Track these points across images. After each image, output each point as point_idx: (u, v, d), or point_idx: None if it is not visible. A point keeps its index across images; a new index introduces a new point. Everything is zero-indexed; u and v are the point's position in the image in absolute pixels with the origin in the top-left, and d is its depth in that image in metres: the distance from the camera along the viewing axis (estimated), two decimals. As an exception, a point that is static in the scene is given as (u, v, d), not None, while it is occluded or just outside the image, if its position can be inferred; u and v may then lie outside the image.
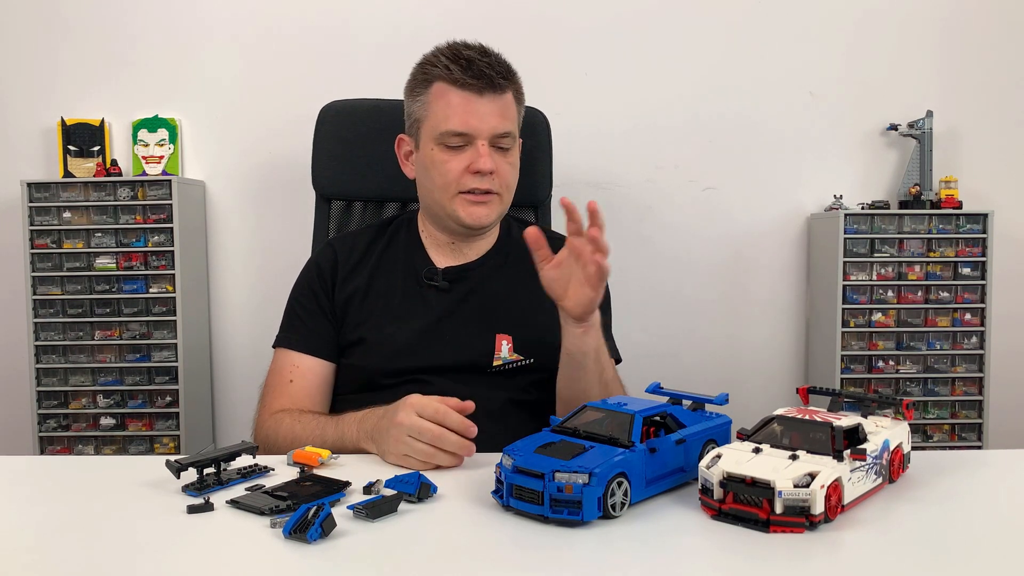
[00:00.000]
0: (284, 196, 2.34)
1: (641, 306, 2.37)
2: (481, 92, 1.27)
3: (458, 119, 1.27)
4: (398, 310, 1.33)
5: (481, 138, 1.27)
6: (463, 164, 1.28)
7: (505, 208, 1.35)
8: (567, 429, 0.89)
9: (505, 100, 1.30)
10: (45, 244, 2.22)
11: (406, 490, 0.86)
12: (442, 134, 1.28)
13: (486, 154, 1.27)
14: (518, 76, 1.34)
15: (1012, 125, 2.41)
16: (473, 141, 1.27)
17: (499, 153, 1.30)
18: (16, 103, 2.36)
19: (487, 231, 1.38)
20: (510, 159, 1.32)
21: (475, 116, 1.26)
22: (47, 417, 2.26)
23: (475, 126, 1.27)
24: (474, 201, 1.30)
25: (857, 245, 2.22)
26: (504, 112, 1.29)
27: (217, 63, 2.35)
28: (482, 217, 1.31)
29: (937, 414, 2.28)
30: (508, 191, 1.33)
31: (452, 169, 1.28)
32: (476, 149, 1.27)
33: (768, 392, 2.43)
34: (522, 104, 1.37)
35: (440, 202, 1.32)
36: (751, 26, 2.37)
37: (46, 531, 0.81)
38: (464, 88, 1.27)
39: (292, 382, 1.31)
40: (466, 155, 1.28)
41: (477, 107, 1.27)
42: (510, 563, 0.74)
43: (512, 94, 1.32)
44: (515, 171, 1.34)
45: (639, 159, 2.38)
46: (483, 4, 2.34)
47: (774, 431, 0.87)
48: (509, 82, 1.31)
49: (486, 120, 1.27)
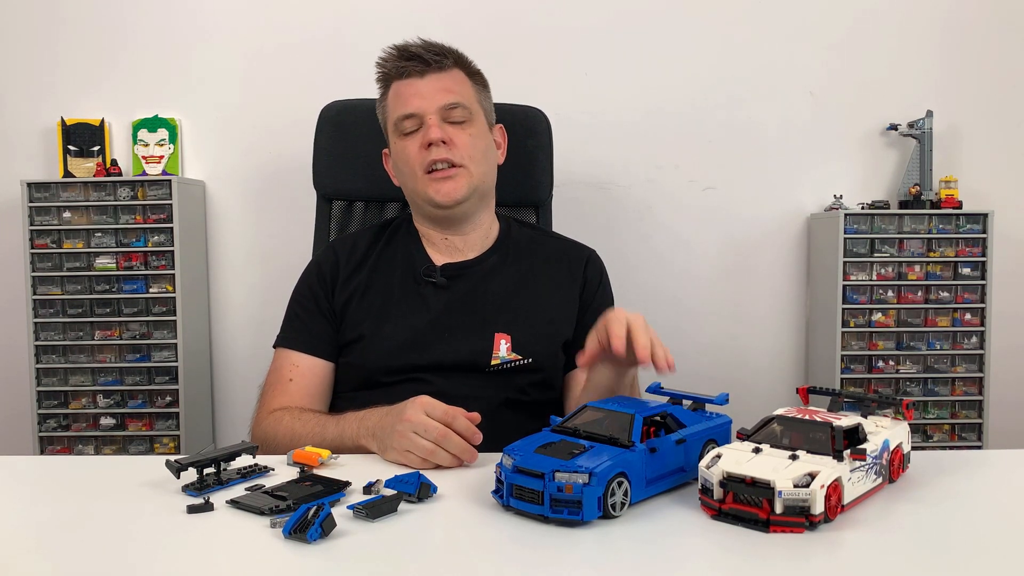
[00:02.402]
0: (284, 196, 2.34)
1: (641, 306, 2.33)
2: (422, 73, 1.32)
3: (404, 103, 1.32)
4: (397, 308, 1.33)
5: (429, 113, 1.30)
6: (418, 143, 1.31)
7: (477, 182, 1.34)
8: (567, 429, 0.89)
9: (450, 76, 1.33)
10: (45, 244, 2.22)
11: (406, 490, 0.86)
12: (396, 121, 1.33)
13: (434, 124, 1.30)
14: (467, 59, 1.38)
15: (1012, 125, 2.41)
16: (424, 119, 1.30)
17: (454, 127, 1.32)
18: (16, 103, 2.36)
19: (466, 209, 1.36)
20: (469, 131, 1.33)
21: (418, 96, 1.31)
22: (47, 417, 2.26)
23: (419, 105, 1.31)
24: (439, 177, 1.31)
25: (857, 245, 2.22)
26: (449, 87, 1.32)
27: (217, 63, 2.35)
28: (451, 191, 1.31)
29: (937, 414, 2.28)
30: (474, 162, 1.33)
31: (411, 152, 1.32)
32: (426, 124, 1.30)
33: (768, 392, 2.43)
34: (481, 85, 1.40)
35: (414, 189, 1.35)
36: (751, 26, 2.37)
37: (46, 531, 0.81)
38: (406, 76, 1.33)
39: (292, 381, 1.31)
40: (420, 134, 1.31)
41: (420, 87, 1.32)
42: (510, 563, 0.74)
43: (462, 73, 1.36)
44: (480, 144, 1.34)
45: (639, 159, 2.38)
46: (483, 4, 2.33)
47: (774, 431, 0.87)
48: (449, 59, 1.34)
49: (430, 97, 1.31)
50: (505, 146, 1.45)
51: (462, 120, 1.32)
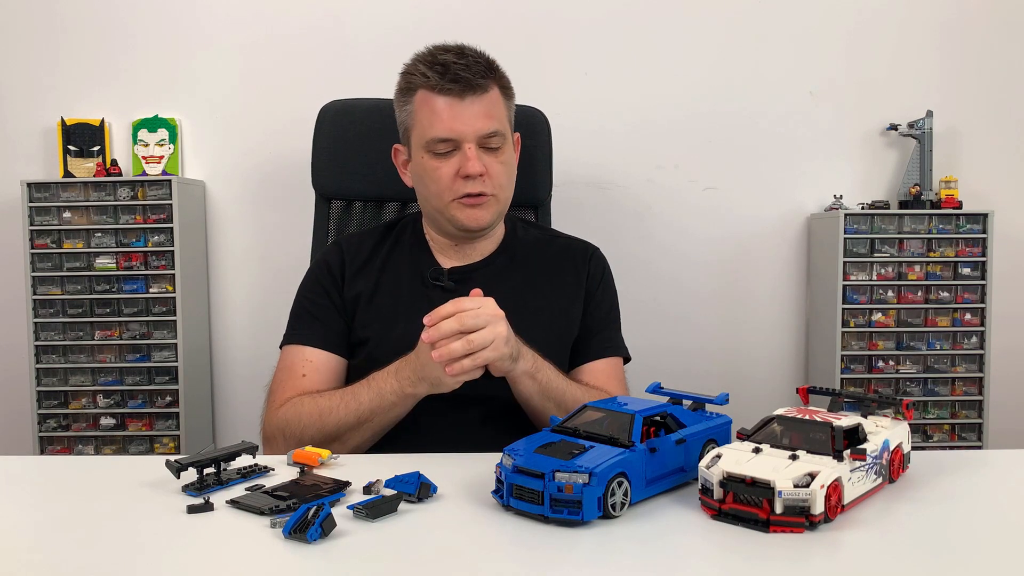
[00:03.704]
0: (284, 196, 2.34)
1: (641, 305, 2.37)
2: (462, 96, 1.25)
3: (442, 125, 1.26)
4: (404, 311, 1.32)
5: (468, 141, 1.26)
6: (453, 169, 1.27)
7: (503, 207, 1.34)
8: (567, 429, 0.89)
9: (489, 99, 1.28)
10: (45, 244, 2.22)
11: (406, 490, 0.86)
12: (429, 142, 1.27)
13: (474, 157, 1.25)
14: (501, 70, 1.32)
15: (1012, 125, 2.41)
16: (460, 145, 1.26)
17: (489, 153, 1.28)
18: (16, 103, 2.36)
19: (488, 232, 1.37)
20: (501, 158, 1.30)
21: (459, 120, 1.25)
22: (47, 417, 2.26)
23: (460, 130, 1.25)
24: (470, 204, 1.29)
25: (857, 245, 2.22)
26: (489, 112, 1.27)
27: (217, 63, 2.35)
28: (480, 219, 1.30)
29: (937, 414, 2.28)
30: (503, 190, 1.32)
31: (443, 176, 1.28)
32: (464, 153, 1.26)
33: (768, 392, 2.43)
34: (511, 98, 1.35)
35: (438, 208, 1.32)
36: (751, 26, 2.37)
37: (46, 531, 0.81)
38: (444, 94, 1.25)
39: (305, 376, 1.28)
40: (455, 160, 1.27)
41: (460, 111, 1.25)
42: (510, 563, 0.74)
43: (498, 91, 1.30)
44: (509, 168, 1.33)
45: (639, 159, 2.39)
46: (483, 4, 2.33)
47: (774, 431, 0.87)
48: (490, 80, 1.28)
49: (470, 123, 1.25)
50: (518, 154, 1.42)
51: (497, 147, 1.29)
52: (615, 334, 1.42)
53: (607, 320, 1.41)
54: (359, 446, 1.19)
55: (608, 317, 1.41)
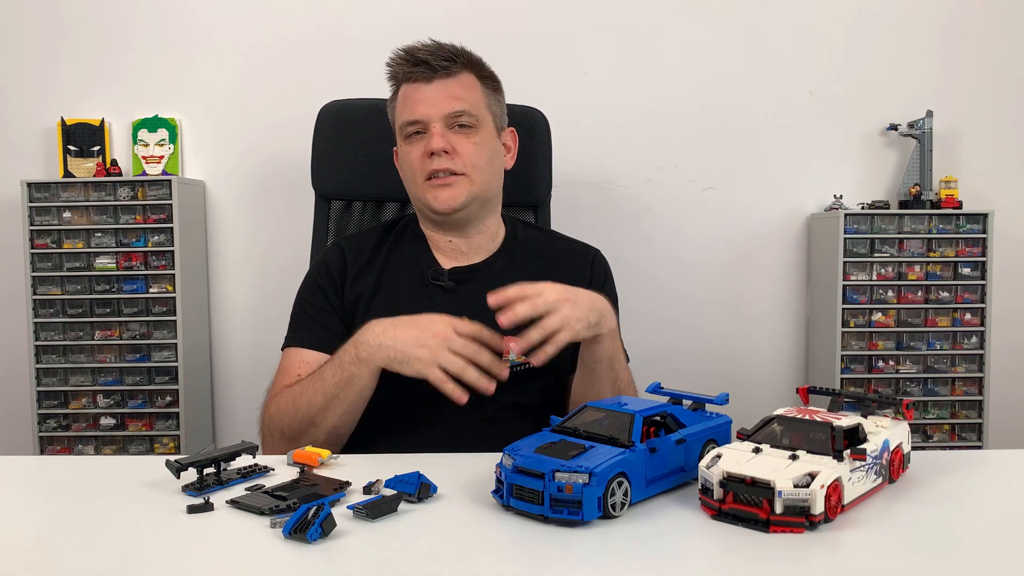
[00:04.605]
0: (284, 196, 2.34)
1: (641, 306, 2.36)
2: (429, 79, 1.30)
3: (410, 109, 1.31)
4: (405, 311, 1.32)
5: (433, 121, 1.29)
6: (421, 150, 1.30)
7: (481, 190, 1.33)
8: (567, 429, 0.89)
9: (458, 82, 1.31)
10: (45, 244, 2.22)
11: (406, 490, 0.86)
12: (402, 126, 1.32)
13: (437, 133, 1.28)
14: (477, 59, 1.35)
15: (1012, 125, 2.41)
16: (428, 126, 1.29)
17: (459, 134, 1.30)
18: (16, 103, 2.36)
19: (466, 215, 1.35)
20: (474, 139, 1.31)
21: (424, 103, 1.29)
22: (47, 417, 2.26)
23: (424, 111, 1.29)
24: (438, 184, 1.30)
25: (857, 245, 2.22)
26: (456, 94, 1.30)
27: (217, 63, 2.35)
28: (448, 200, 1.30)
29: (937, 414, 2.28)
30: (477, 171, 1.32)
31: (414, 158, 1.31)
32: (430, 132, 1.29)
33: (768, 392, 2.43)
34: (495, 90, 1.38)
35: (415, 195, 1.35)
36: (751, 26, 2.37)
37: (46, 531, 0.81)
38: (413, 80, 1.31)
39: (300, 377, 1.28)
40: (423, 141, 1.30)
41: (426, 93, 1.30)
42: (510, 563, 0.74)
43: (473, 77, 1.33)
44: (484, 151, 1.33)
45: (639, 159, 2.39)
46: (483, 3, 2.34)
47: (774, 431, 0.87)
48: (458, 64, 1.31)
49: (435, 104, 1.29)
50: (516, 149, 1.43)
51: (469, 127, 1.31)
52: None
53: None
54: (336, 429, 1.18)
55: None
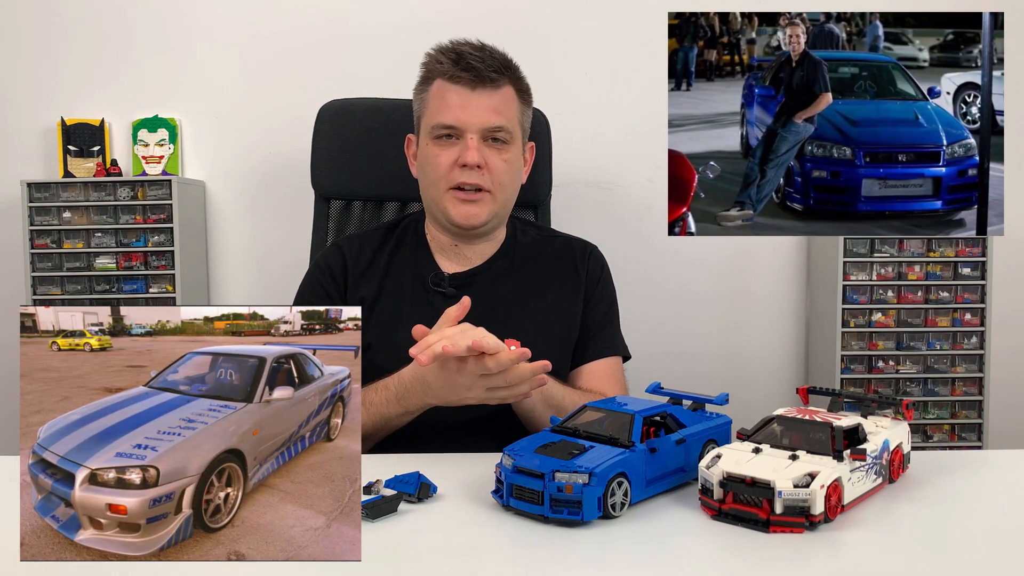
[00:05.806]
0: (284, 196, 2.34)
1: (641, 306, 2.36)
2: (474, 86, 1.27)
3: (449, 113, 1.27)
4: (406, 316, 1.31)
5: (471, 132, 1.26)
6: (452, 158, 1.28)
7: (500, 208, 1.33)
8: (567, 429, 0.89)
9: (501, 95, 1.29)
10: (45, 244, 2.22)
11: (406, 490, 0.86)
12: (434, 127, 1.28)
13: (474, 147, 1.26)
14: (519, 73, 1.33)
15: (1012, 125, 2.41)
16: (463, 135, 1.27)
17: (492, 149, 1.28)
18: (16, 103, 2.36)
19: (483, 231, 1.36)
20: (504, 155, 1.29)
21: (465, 110, 1.26)
22: (47, 417, 2.25)
23: (464, 119, 1.26)
24: (464, 199, 1.29)
25: (857, 245, 2.22)
26: (498, 107, 1.28)
27: (217, 63, 2.35)
28: (471, 216, 1.30)
29: (937, 414, 2.28)
30: (502, 189, 1.31)
31: (442, 163, 1.28)
32: (465, 143, 1.26)
33: (768, 392, 2.43)
34: (527, 103, 1.35)
35: (434, 199, 1.32)
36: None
37: (46, 531, 0.81)
38: (457, 82, 1.27)
39: None
40: (456, 148, 1.28)
41: (468, 101, 1.27)
42: (510, 563, 0.74)
43: (513, 91, 1.31)
44: (512, 169, 1.32)
45: (639, 159, 2.38)
46: (483, 3, 2.33)
47: (774, 431, 0.87)
48: (505, 77, 1.29)
49: (477, 114, 1.26)
50: (531, 163, 1.42)
51: (503, 142, 1.29)
52: (614, 333, 1.41)
53: (606, 319, 1.40)
54: None
55: (607, 316, 1.41)
